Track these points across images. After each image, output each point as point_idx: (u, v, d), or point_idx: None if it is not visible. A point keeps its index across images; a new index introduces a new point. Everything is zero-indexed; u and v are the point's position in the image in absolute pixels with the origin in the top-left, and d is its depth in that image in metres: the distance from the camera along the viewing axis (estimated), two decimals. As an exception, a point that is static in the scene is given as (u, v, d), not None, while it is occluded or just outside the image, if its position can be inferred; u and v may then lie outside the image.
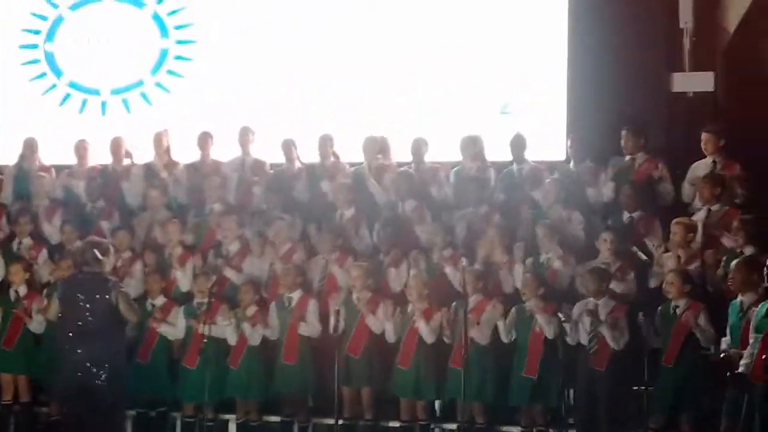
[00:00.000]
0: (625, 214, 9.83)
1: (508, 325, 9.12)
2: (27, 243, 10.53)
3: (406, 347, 9.27)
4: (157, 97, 12.03)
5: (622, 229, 9.59)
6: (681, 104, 11.18)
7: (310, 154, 10.99)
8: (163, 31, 12.09)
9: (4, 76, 12.31)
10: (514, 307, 9.18)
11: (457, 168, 10.61)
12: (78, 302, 8.24)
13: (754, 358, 7.49)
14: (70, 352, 8.20)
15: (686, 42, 11.14)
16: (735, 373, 7.58)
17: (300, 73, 11.64)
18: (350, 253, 9.96)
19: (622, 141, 10.24)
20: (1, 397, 10.06)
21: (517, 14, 11.30)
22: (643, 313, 8.70)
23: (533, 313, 9.00)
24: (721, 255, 9.00)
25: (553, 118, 11.07)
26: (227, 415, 9.82)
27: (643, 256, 9.39)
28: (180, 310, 9.83)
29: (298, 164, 10.96)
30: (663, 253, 9.32)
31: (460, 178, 10.49)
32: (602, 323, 8.73)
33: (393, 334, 9.38)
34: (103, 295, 8.24)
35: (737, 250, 8.84)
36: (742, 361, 7.59)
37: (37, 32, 12.31)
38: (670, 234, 9.28)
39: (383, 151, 10.80)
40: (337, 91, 11.54)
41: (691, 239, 9.21)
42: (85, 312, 8.21)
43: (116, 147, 11.24)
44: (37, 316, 9.83)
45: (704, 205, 9.55)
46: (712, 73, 11.05)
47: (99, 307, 8.21)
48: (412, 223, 10.12)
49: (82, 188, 11.09)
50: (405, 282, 9.56)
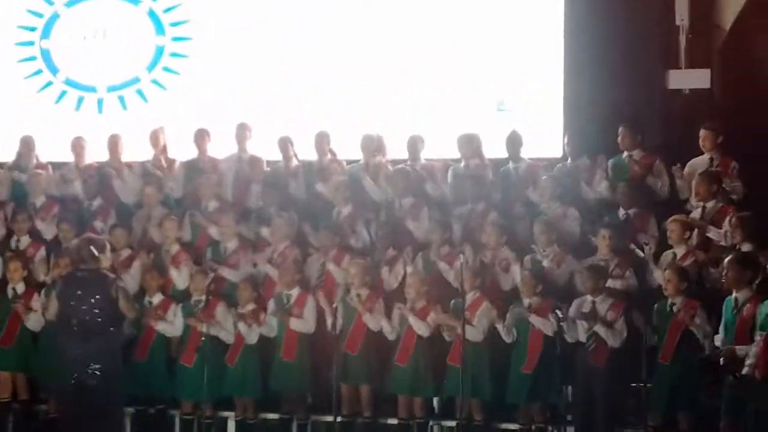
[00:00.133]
0: (621, 211, 9.85)
1: (508, 325, 9.11)
2: (25, 241, 10.52)
3: (404, 344, 9.28)
4: (154, 94, 12.01)
5: (619, 226, 9.61)
6: (677, 101, 11.20)
7: (306, 152, 11.00)
8: (159, 28, 12.07)
9: (0, 74, 12.27)
10: (512, 305, 9.18)
11: (454, 166, 10.62)
12: (76, 299, 8.24)
13: (757, 357, 7.48)
14: (68, 350, 8.19)
15: (682, 39, 11.15)
16: (738, 376, 7.58)
17: (296, 70, 11.63)
18: (348, 250, 9.96)
19: (619, 138, 10.25)
20: (0, 395, 10.06)
21: (514, 11, 11.29)
22: (640, 311, 8.71)
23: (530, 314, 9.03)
24: (718, 252, 9.02)
25: (550, 115, 11.07)
26: (226, 413, 9.82)
27: (641, 253, 9.42)
28: (177, 308, 9.83)
29: (295, 161, 10.96)
30: (652, 252, 9.34)
31: (458, 176, 10.50)
32: (600, 321, 8.75)
33: (392, 332, 9.39)
34: (102, 292, 8.23)
35: (737, 247, 8.85)
36: (747, 362, 7.56)
37: (32, 29, 12.28)
38: (667, 231, 9.31)
39: (379, 149, 10.80)
40: (333, 89, 11.53)
41: (688, 237, 9.24)
42: (83, 309, 8.20)
43: (113, 144, 11.23)
44: (35, 314, 9.82)
45: (700, 202, 9.58)
46: (709, 70, 11.07)
47: (97, 304, 8.21)
48: (410, 221, 10.14)
49: (79, 186, 11.09)
50: (401, 280, 9.57)
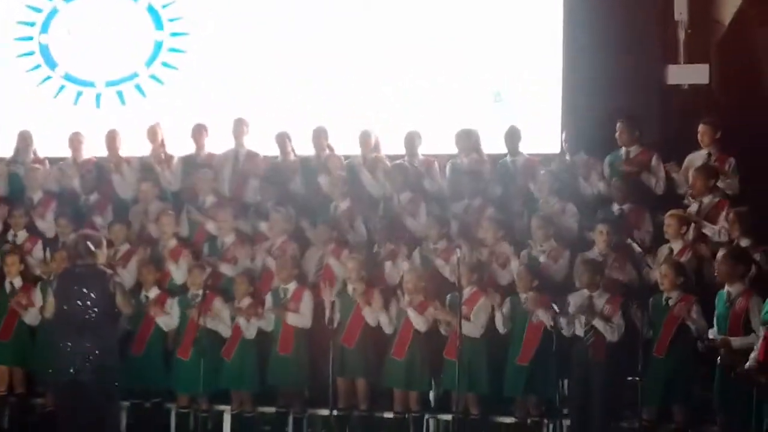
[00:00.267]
0: (615, 206, 9.84)
1: (506, 317, 9.10)
2: (22, 236, 10.52)
3: (401, 338, 9.27)
4: (152, 90, 12.01)
5: (616, 221, 9.60)
6: (676, 96, 11.19)
7: (303, 147, 11.00)
8: (158, 23, 12.07)
9: (-1, 68, 12.33)
10: (509, 298, 9.18)
11: (452, 161, 10.61)
12: (73, 295, 8.22)
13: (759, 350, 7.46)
14: (65, 345, 8.19)
15: (681, 34, 11.14)
16: (741, 370, 7.56)
17: (293, 65, 11.63)
18: (345, 245, 9.96)
19: (617, 133, 10.23)
20: (-3, 389, 10.07)
21: (512, 5, 11.30)
22: (636, 305, 8.69)
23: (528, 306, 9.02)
24: (716, 247, 9.00)
25: (548, 110, 11.08)
26: (222, 406, 9.82)
27: (638, 248, 9.41)
28: (174, 301, 9.82)
29: (293, 157, 10.96)
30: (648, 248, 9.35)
31: (455, 171, 10.49)
32: (598, 316, 8.73)
33: (390, 326, 9.38)
34: (99, 287, 8.21)
35: (734, 243, 8.83)
36: (752, 354, 7.54)
37: (31, 24, 12.29)
38: (664, 226, 9.29)
39: (375, 145, 10.81)
40: (330, 84, 11.53)
41: (685, 231, 9.22)
42: (80, 305, 8.19)
43: (111, 139, 11.23)
44: (32, 309, 9.82)
45: (697, 197, 9.56)
46: (707, 65, 11.06)
47: (94, 300, 8.18)
48: (407, 216, 10.13)
49: (77, 181, 11.09)
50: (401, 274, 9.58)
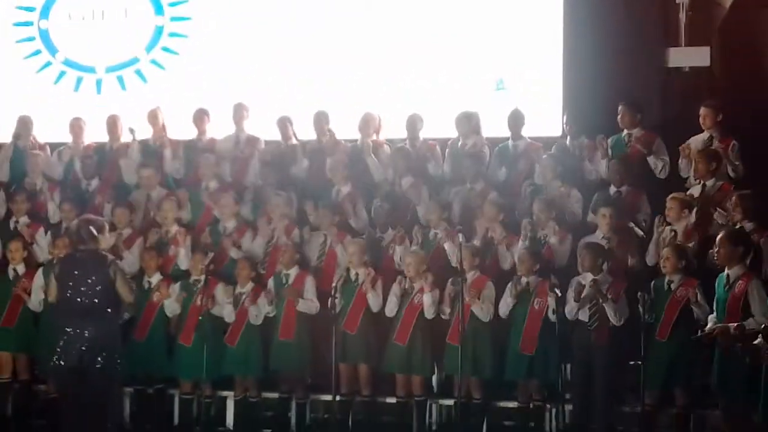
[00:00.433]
0: (612, 189, 9.83)
1: (509, 300, 9.10)
2: (24, 221, 10.50)
3: (404, 323, 9.27)
4: (153, 75, 12.00)
5: (618, 204, 9.59)
6: (677, 79, 11.18)
7: (305, 131, 10.98)
8: (158, 8, 12.04)
9: (-1, 54, 12.30)
10: (510, 282, 9.17)
11: (452, 144, 10.60)
12: (74, 280, 8.22)
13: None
14: (67, 331, 8.20)
15: (682, 17, 11.12)
16: (748, 346, 7.54)
17: (295, 49, 11.60)
18: (348, 229, 9.96)
19: (619, 116, 10.22)
20: (0, 375, 10.06)
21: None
22: (642, 291, 8.65)
23: (530, 289, 9.03)
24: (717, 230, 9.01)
25: (549, 93, 11.04)
26: (225, 392, 9.83)
27: (640, 232, 9.41)
28: (176, 286, 9.82)
29: (294, 141, 10.95)
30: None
31: (456, 155, 10.48)
32: (603, 298, 8.73)
33: (394, 310, 9.34)
34: (100, 273, 8.22)
35: (736, 226, 8.81)
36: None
37: (31, 9, 12.26)
38: (666, 209, 9.28)
39: (377, 129, 10.80)
40: (331, 68, 11.49)
41: (687, 215, 9.21)
42: (82, 290, 8.20)
43: (112, 125, 11.22)
44: (33, 294, 9.82)
45: (699, 180, 9.56)
46: (708, 48, 11.04)
47: (95, 285, 8.19)
48: (409, 200, 10.13)
49: (78, 166, 11.08)
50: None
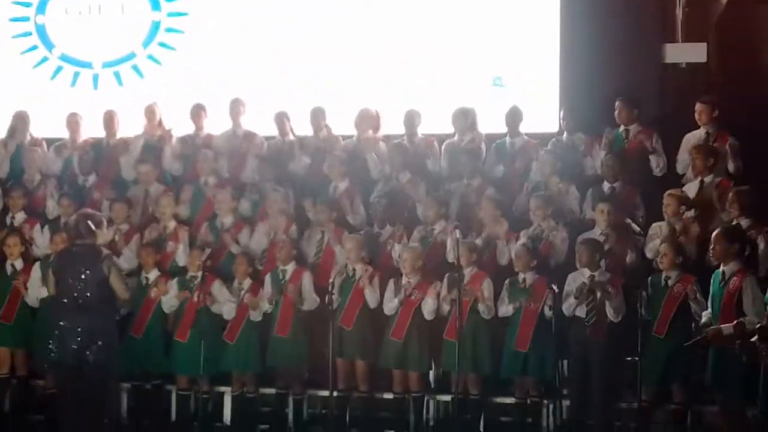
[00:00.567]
0: (606, 185, 9.82)
1: (507, 298, 9.11)
2: (20, 217, 10.49)
3: (400, 319, 9.28)
4: (149, 70, 11.97)
5: (615, 200, 9.61)
6: (674, 75, 11.18)
7: (302, 127, 10.98)
8: (155, 4, 12.00)
9: (-5, 50, 12.27)
10: (508, 280, 9.19)
11: (449, 140, 10.60)
12: (71, 275, 8.24)
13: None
14: (61, 325, 8.20)
15: (679, 13, 11.12)
16: (746, 343, 7.50)
17: (292, 45, 11.58)
18: (345, 225, 9.96)
19: (616, 112, 10.24)
20: (-2, 370, 10.08)
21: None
22: (639, 287, 8.65)
23: (527, 286, 9.04)
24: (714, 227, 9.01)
25: (546, 89, 11.05)
26: (222, 388, 9.84)
27: (636, 228, 9.42)
28: (173, 282, 9.82)
29: (291, 137, 10.95)
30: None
31: (452, 151, 10.48)
32: (608, 295, 8.70)
33: (393, 307, 9.32)
34: (95, 267, 8.23)
35: (734, 222, 8.83)
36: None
37: (28, 5, 12.22)
38: (663, 206, 9.30)
39: (376, 125, 10.80)
40: (328, 64, 11.49)
41: (684, 211, 9.21)
42: (78, 285, 8.21)
43: (109, 120, 11.21)
44: (32, 290, 9.82)
45: (697, 177, 9.57)
46: (705, 44, 11.04)
47: (92, 280, 8.21)
48: (407, 196, 10.13)
49: (75, 162, 11.07)
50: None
